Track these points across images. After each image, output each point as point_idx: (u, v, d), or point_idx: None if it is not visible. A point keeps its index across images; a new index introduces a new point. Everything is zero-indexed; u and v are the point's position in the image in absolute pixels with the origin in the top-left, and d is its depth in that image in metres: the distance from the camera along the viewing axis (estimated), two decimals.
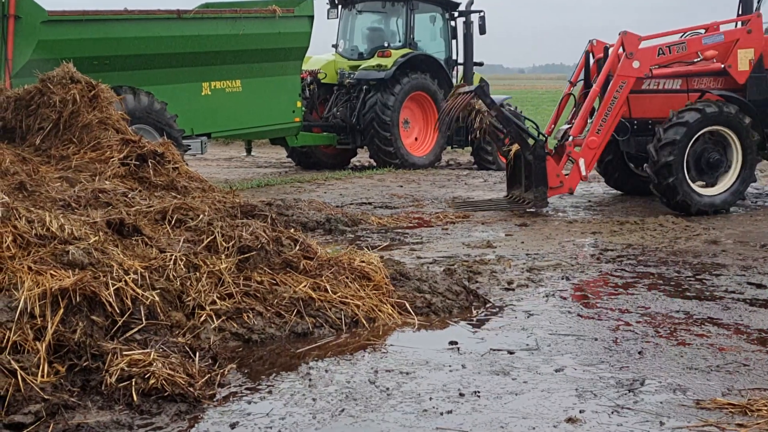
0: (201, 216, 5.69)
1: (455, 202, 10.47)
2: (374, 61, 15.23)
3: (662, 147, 9.31)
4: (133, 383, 3.88)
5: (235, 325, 4.84)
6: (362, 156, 17.17)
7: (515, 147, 9.90)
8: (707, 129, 9.44)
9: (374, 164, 15.57)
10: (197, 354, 4.34)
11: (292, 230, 6.01)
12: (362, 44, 16.12)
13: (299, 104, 13.84)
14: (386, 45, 15.64)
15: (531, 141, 9.61)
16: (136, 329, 4.39)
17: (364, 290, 5.42)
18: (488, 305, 5.73)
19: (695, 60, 10.13)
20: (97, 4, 12.23)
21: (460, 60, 16.23)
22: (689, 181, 9.42)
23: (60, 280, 4.27)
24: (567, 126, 10.03)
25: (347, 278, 5.48)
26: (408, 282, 5.78)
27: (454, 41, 16.24)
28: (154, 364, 4.00)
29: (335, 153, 16.28)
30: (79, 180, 6.36)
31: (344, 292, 5.33)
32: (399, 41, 15.73)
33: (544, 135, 9.85)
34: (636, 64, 9.54)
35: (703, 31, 10.28)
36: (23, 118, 7.18)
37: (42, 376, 3.82)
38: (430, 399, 3.99)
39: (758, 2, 10.87)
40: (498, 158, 15.10)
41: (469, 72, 16.26)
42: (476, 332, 5.11)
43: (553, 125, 10.57)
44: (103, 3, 11.47)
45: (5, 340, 3.91)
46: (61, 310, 4.15)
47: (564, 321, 5.35)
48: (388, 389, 4.12)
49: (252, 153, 18.79)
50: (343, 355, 4.64)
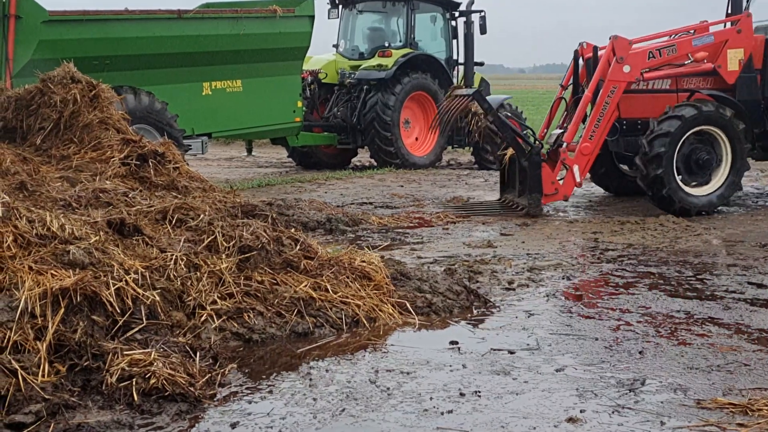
0: (202, 216, 5.69)
1: (448, 206, 10.40)
2: (375, 61, 15.23)
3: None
4: (134, 383, 3.88)
5: (236, 325, 4.84)
6: (363, 156, 17.18)
7: (510, 151, 9.86)
8: (700, 127, 9.37)
9: (375, 164, 15.57)
10: (198, 354, 4.34)
11: (293, 230, 6.02)
12: (363, 44, 16.12)
13: (300, 104, 13.83)
14: (387, 45, 15.64)
15: (527, 147, 9.56)
16: (137, 329, 4.39)
17: (365, 290, 5.42)
18: (489, 305, 5.73)
19: (686, 62, 10.06)
20: (98, 4, 12.25)
21: (461, 60, 16.23)
22: (677, 178, 9.37)
23: (61, 280, 4.28)
24: (559, 131, 9.96)
25: (348, 278, 5.48)
26: (409, 282, 5.79)
27: (455, 41, 16.24)
28: (155, 364, 4.00)
29: (336, 153, 16.28)
30: (80, 180, 6.36)
31: (345, 292, 5.33)
32: (400, 41, 15.74)
33: (540, 141, 9.81)
34: (627, 69, 9.48)
35: (693, 32, 10.24)
36: (24, 118, 7.18)
37: (43, 376, 3.82)
38: (431, 399, 3.99)
39: (747, 1, 10.82)
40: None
41: (470, 72, 16.25)
42: (477, 332, 5.11)
43: (546, 129, 10.50)
44: (104, 3, 11.47)
45: (6, 340, 3.91)
46: (62, 310, 4.15)
47: (565, 321, 5.35)
48: (389, 389, 4.12)
49: (253, 153, 18.79)
50: (344, 355, 4.65)
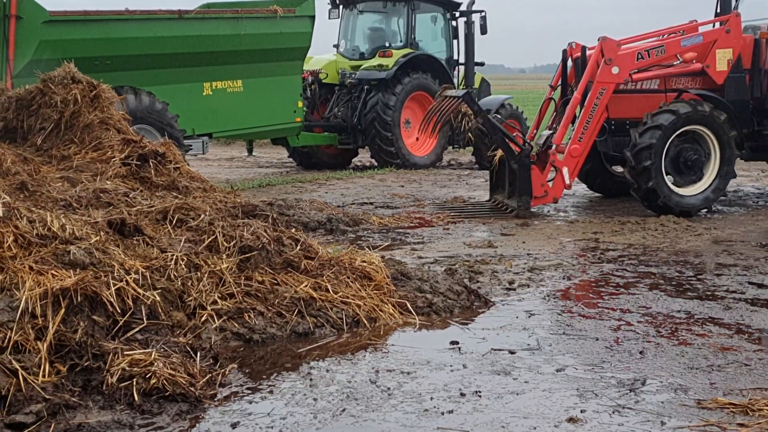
0: (202, 216, 5.69)
1: (437, 205, 10.35)
2: (375, 61, 15.23)
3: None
4: (134, 383, 3.89)
5: (236, 325, 4.84)
6: (363, 156, 17.17)
7: (499, 152, 9.81)
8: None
9: (375, 164, 15.57)
10: (198, 354, 4.34)
11: (293, 230, 6.02)
12: (363, 44, 16.12)
13: (300, 104, 13.83)
14: (387, 45, 15.64)
15: (516, 149, 9.50)
16: (138, 329, 4.39)
17: (365, 290, 5.42)
18: (489, 305, 5.73)
19: (674, 62, 10.01)
20: (99, 4, 12.25)
21: (462, 60, 16.23)
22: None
23: (61, 280, 4.28)
24: (548, 132, 9.91)
25: (348, 278, 5.48)
26: (409, 282, 5.79)
27: (456, 41, 16.24)
28: (155, 364, 4.00)
29: (336, 153, 16.28)
30: (81, 180, 6.36)
31: (345, 292, 5.33)
32: (400, 41, 15.73)
33: (530, 143, 9.76)
34: (615, 70, 9.43)
35: (682, 32, 10.18)
36: (24, 118, 7.18)
37: (43, 376, 3.82)
38: (431, 399, 3.99)
39: (736, 1, 10.77)
40: None
41: (471, 72, 16.26)
42: (477, 332, 5.11)
43: (536, 130, 10.44)
44: (105, 3, 11.47)
45: (6, 340, 3.91)
46: (62, 310, 4.16)
47: (565, 321, 5.35)
48: (389, 389, 4.12)
49: (253, 153, 18.78)
50: (344, 355, 4.65)
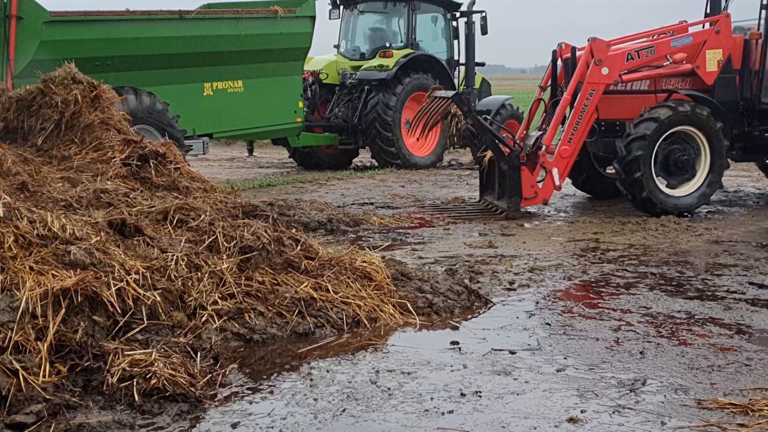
0: (202, 216, 5.69)
1: (425, 207, 10.27)
2: (376, 62, 15.23)
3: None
4: (135, 383, 3.89)
5: (237, 325, 4.84)
6: (364, 156, 17.17)
7: (489, 153, 9.77)
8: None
9: (376, 164, 15.57)
10: (199, 354, 4.34)
11: (294, 230, 6.01)
12: (364, 44, 16.12)
13: (301, 104, 13.83)
14: (388, 45, 15.63)
15: (506, 150, 9.46)
16: (138, 329, 4.39)
17: (366, 290, 5.42)
18: (490, 305, 5.73)
19: (664, 63, 9.97)
20: (99, 5, 12.24)
21: (462, 60, 16.23)
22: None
23: (61, 281, 4.28)
24: (538, 133, 9.88)
25: (349, 278, 5.48)
26: (409, 282, 5.79)
27: (456, 41, 16.24)
28: (156, 364, 4.00)
29: (337, 153, 16.28)
30: (81, 180, 6.36)
31: (346, 292, 5.33)
32: (401, 41, 15.73)
33: (520, 145, 9.72)
34: (605, 71, 9.40)
35: (672, 33, 10.13)
36: (25, 119, 7.18)
37: (43, 376, 3.83)
38: (432, 399, 3.99)
39: (726, 2, 10.74)
40: None
41: (471, 72, 16.26)
42: (478, 332, 5.11)
43: (525, 131, 10.39)
44: (105, 3, 11.48)
45: (7, 340, 3.92)
46: (63, 310, 4.16)
47: (566, 321, 5.35)
48: (390, 389, 4.12)
49: (254, 153, 18.79)
50: (345, 355, 4.65)
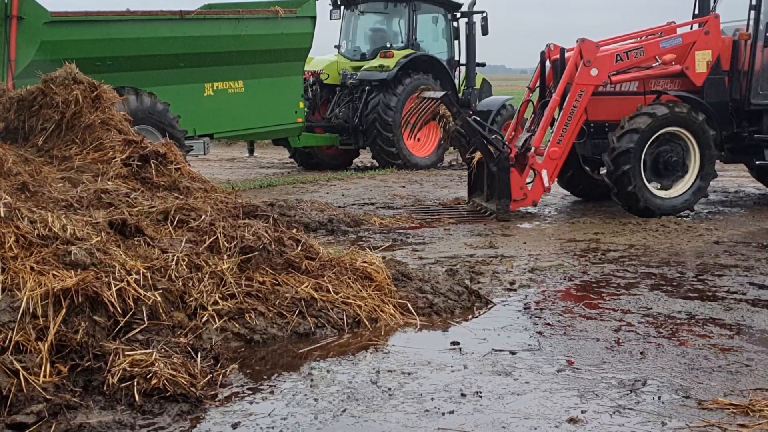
0: (203, 216, 5.69)
1: (414, 208, 10.21)
2: (377, 62, 15.23)
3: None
4: (135, 383, 3.89)
5: (237, 326, 4.84)
6: (364, 156, 17.17)
7: (478, 154, 9.73)
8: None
9: (376, 165, 15.58)
10: (199, 354, 4.34)
11: (294, 231, 6.02)
12: (365, 45, 16.13)
13: (301, 105, 13.84)
14: (389, 46, 15.64)
15: (495, 152, 9.41)
16: (138, 329, 4.39)
17: (366, 291, 5.42)
18: (490, 306, 5.73)
19: (653, 64, 9.91)
20: (100, 5, 12.26)
21: (463, 60, 16.23)
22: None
23: (62, 281, 4.28)
24: (527, 134, 9.82)
25: (349, 279, 5.48)
26: (410, 282, 5.79)
27: (457, 42, 16.24)
28: (156, 365, 4.00)
29: (337, 153, 16.28)
30: (82, 180, 6.36)
31: (346, 293, 5.33)
32: (401, 42, 15.74)
33: (509, 146, 9.67)
34: (594, 72, 9.36)
35: (661, 34, 10.08)
36: (26, 119, 7.18)
37: (44, 376, 3.83)
38: (432, 399, 3.99)
39: (714, 2, 10.70)
40: None
41: (472, 73, 16.27)
42: (478, 333, 5.11)
43: (514, 132, 10.31)
44: (106, 4, 11.48)
45: (8, 340, 3.92)
46: (63, 311, 4.16)
47: (566, 321, 5.35)
48: (390, 389, 4.12)
49: (254, 154, 18.80)
50: (345, 356, 4.65)
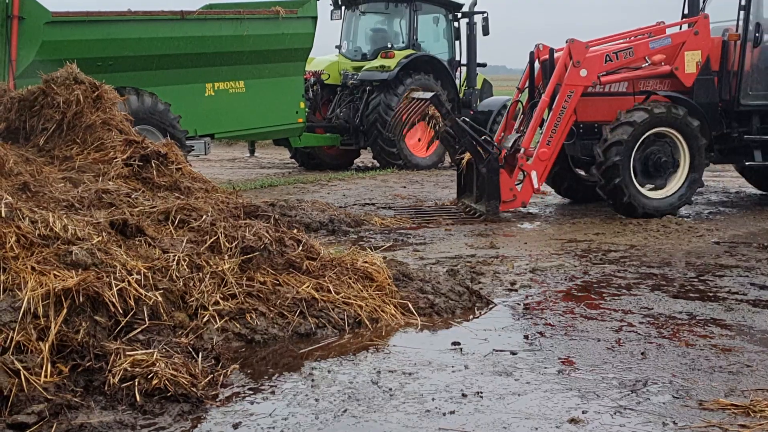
0: (204, 216, 5.69)
1: (402, 209, 10.16)
2: (377, 62, 15.24)
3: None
4: (136, 383, 3.89)
5: (238, 326, 4.84)
6: (365, 157, 17.18)
7: (467, 155, 9.69)
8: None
9: (377, 165, 15.58)
10: (200, 354, 4.34)
11: (295, 231, 6.02)
12: (365, 45, 16.13)
13: (302, 105, 13.84)
14: (389, 46, 15.65)
15: (485, 153, 9.36)
16: (139, 329, 4.39)
17: (367, 291, 5.42)
18: (491, 306, 5.73)
19: (643, 65, 9.86)
20: (101, 5, 12.27)
21: (464, 61, 16.24)
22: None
23: (63, 281, 4.28)
24: (517, 135, 9.78)
25: (350, 279, 5.48)
26: (411, 283, 5.79)
27: (458, 42, 16.24)
28: (157, 365, 4.00)
29: (338, 154, 16.29)
30: (83, 180, 6.37)
31: (347, 293, 5.33)
32: (402, 42, 15.74)
33: (499, 147, 9.63)
34: (584, 73, 9.32)
35: (650, 34, 10.03)
36: (27, 119, 7.19)
37: (45, 376, 3.83)
38: (433, 399, 3.99)
39: (703, 2, 10.67)
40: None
41: (473, 73, 16.28)
42: (479, 333, 5.11)
43: (503, 133, 10.25)
44: (107, 4, 11.49)
45: (9, 340, 3.92)
46: (65, 311, 4.16)
47: (567, 322, 5.35)
48: (391, 390, 4.12)
49: (255, 154, 18.81)
50: (346, 356, 4.65)
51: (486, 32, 15.89)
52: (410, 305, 5.43)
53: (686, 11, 10.32)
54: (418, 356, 4.63)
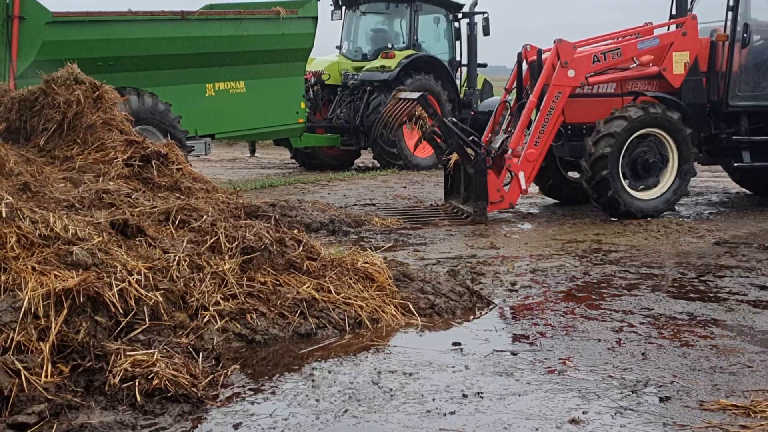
0: (204, 217, 5.69)
1: (389, 209, 10.15)
2: (378, 63, 15.24)
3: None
4: (137, 384, 3.89)
5: (239, 326, 4.84)
6: (366, 157, 17.18)
7: (455, 156, 9.65)
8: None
9: (378, 165, 15.58)
10: (200, 354, 4.35)
11: (296, 231, 6.02)
12: (366, 45, 16.13)
13: (303, 105, 13.84)
14: (390, 46, 15.65)
15: (472, 154, 9.34)
16: (140, 330, 4.39)
17: (368, 291, 5.42)
18: (492, 306, 5.73)
19: (631, 65, 9.82)
20: (101, 5, 12.27)
21: (464, 61, 16.23)
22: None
23: (64, 281, 4.28)
24: (504, 136, 9.74)
25: (351, 279, 5.48)
26: (411, 283, 5.79)
27: (458, 42, 16.24)
28: (158, 365, 4.00)
29: (339, 154, 16.29)
30: (83, 181, 6.37)
31: (348, 293, 5.33)
32: (403, 42, 15.74)
33: (486, 148, 9.58)
34: (571, 73, 9.29)
35: (638, 35, 10.00)
36: (27, 119, 7.19)
37: (46, 377, 3.83)
38: (434, 400, 3.99)
39: (691, 3, 10.64)
40: None
41: (473, 73, 16.28)
42: (480, 333, 5.11)
43: (490, 134, 10.20)
44: (108, 4, 11.49)
45: (9, 341, 3.92)
46: (65, 311, 4.16)
47: (567, 322, 5.35)
48: (392, 390, 4.12)
49: (256, 154, 18.81)
50: (347, 356, 4.65)
51: (486, 32, 15.88)
52: (411, 306, 5.43)
53: (674, 12, 10.30)
54: (419, 357, 4.63)
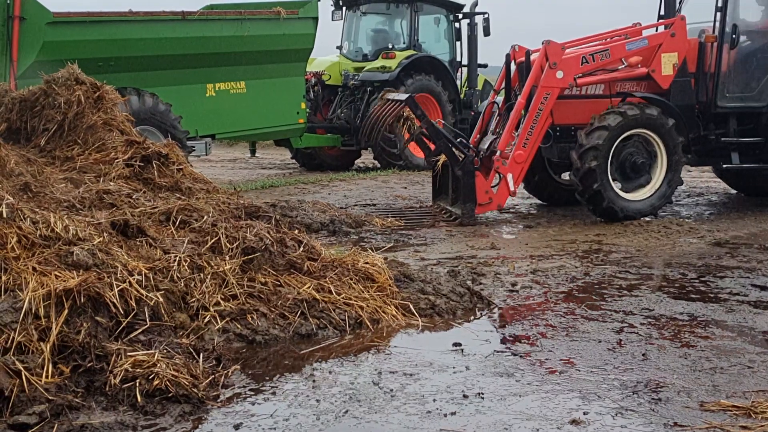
0: (205, 217, 5.69)
1: (378, 210, 10.11)
2: (378, 63, 15.23)
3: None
4: (138, 384, 3.89)
5: (239, 326, 4.84)
6: (366, 157, 17.18)
7: (443, 157, 9.62)
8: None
9: (378, 166, 15.58)
10: (201, 355, 4.35)
11: (296, 231, 6.02)
12: (366, 46, 16.13)
13: (303, 106, 13.84)
14: (390, 46, 15.64)
15: (460, 155, 9.30)
16: (141, 330, 4.39)
17: (368, 291, 5.42)
18: (492, 307, 5.73)
19: (619, 67, 9.75)
20: (102, 6, 12.29)
21: (465, 62, 16.23)
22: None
23: (64, 281, 4.28)
24: (493, 137, 9.69)
25: (351, 279, 5.48)
26: (412, 283, 5.79)
27: (459, 43, 16.24)
28: (158, 365, 4.00)
29: (339, 154, 16.28)
30: (84, 181, 6.37)
31: (348, 294, 5.33)
32: (403, 43, 15.74)
33: (474, 150, 9.56)
34: (560, 75, 9.23)
35: (627, 36, 9.96)
36: (28, 120, 7.18)
37: (46, 377, 3.83)
38: (434, 400, 3.99)
39: (679, 3, 10.62)
40: None
41: (474, 74, 16.27)
42: (480, 334, 5.11)
43: (479, 135, 10.15)
44: (108, 4, 11.50)
45: (10, 341, 3.92)
46: (66, 311, 4.16)
47: (568, 323, 5.35)
48: (392, 391, 4.12)
49: (256, 154, 18.81)
50: (347, 357, 4.65)
51: (487, 33, 15.86)
52: (411, 306, 5.43)
53: (662, 12, 10.27)
54: (419, 357, 4.63)
